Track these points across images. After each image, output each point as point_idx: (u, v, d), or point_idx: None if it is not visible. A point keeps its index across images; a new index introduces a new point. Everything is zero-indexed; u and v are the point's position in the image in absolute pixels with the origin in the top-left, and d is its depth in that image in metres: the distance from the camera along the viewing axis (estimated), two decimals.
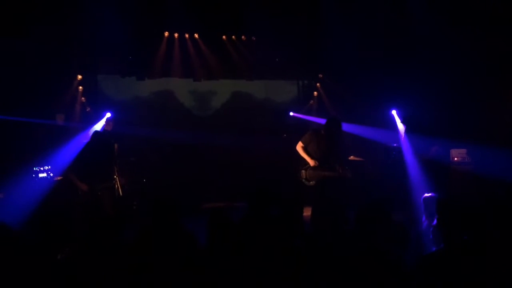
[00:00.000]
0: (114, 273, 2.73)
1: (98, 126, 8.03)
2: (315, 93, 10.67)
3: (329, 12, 8.76)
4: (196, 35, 9.55)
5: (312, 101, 10.70)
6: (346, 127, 6.81)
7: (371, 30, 8.77)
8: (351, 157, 8.03)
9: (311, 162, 6.27)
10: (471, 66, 8.21)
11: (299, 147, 6.42)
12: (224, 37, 9.72)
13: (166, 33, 9.33)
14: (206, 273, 2.85)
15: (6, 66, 7.34)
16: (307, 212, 3.85)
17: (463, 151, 8.08)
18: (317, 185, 6.23)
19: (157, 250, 3.03)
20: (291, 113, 10.33)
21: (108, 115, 8.14)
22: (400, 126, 8.86)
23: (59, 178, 7.31)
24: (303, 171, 6.39)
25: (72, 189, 5.94)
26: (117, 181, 6.91)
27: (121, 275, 2.74)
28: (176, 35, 9.42)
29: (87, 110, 8.93)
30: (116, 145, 7.19)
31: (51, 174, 7.37)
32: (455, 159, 8.08)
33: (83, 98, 8.94)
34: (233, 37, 9.78)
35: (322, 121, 9.67)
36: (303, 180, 6.40)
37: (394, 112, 9.15)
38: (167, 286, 2.83)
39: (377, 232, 3.12)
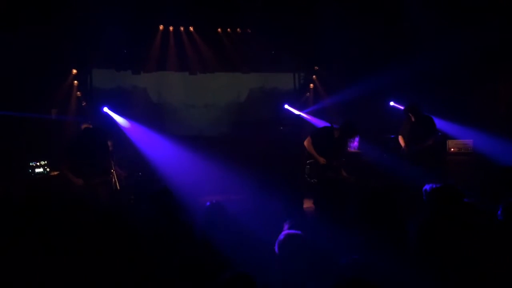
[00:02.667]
0: (116, 265, 2.72)
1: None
2: (311, 85, 10.66)
3: (325, 4, 8.71)
4: (191, 28, 9.49)
5: (308, 93, 10.68)
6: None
7: (367, 21, 8.75)
8: (347, 148, 8.02)
9: (321, 160, 6.25)
10: (467, 57, 8.23)
11: (308, 142, 6.38)
12: (219, 30, 9.66)
13: (161, 27, 9.27)
14: (203, 265, 2.85)
15: (0, 61, 7.27)
16: (307, 204, 3.85)
17: (459, 142, 8.13)
18: (319, 184, 6.23)
19: (156, 241, 3.02)
20: (286, 106, 10.32)
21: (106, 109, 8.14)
22: None
23: (55, 173, 7.29)
24: (307, 167, 6.37)
25: (68, 184, 5.90)
26: (114, 175, 6.89)
27: (122, 267, 2.73)
28: (171, 28, 9.36)
29: (83, 104, 8.88)
30: (110, 142, 7.16)
31: (48, 169, 7.34)
32: (452, 149, 8.12)
33: (78, 93, 8.88)
34: (228, 29, 9.73)
35: (312, 119, 9.79)
36: (306, 176, 6.39)
37: (392, 103, 9.16)
38: (166, 277, 2.83)
39: (377, 225, 3.13)
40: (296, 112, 10.22)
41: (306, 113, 10.21)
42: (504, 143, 7.16)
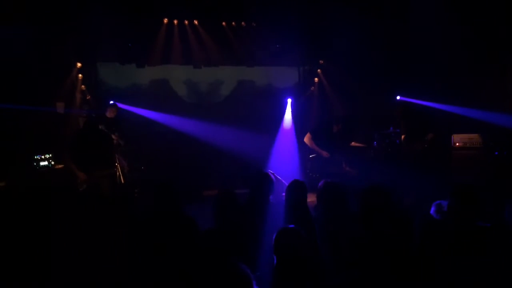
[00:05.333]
0: (118, 258, 2.72)
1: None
2: (316, 79, 10.61)
3: None
4: (195, 22, 9.46)
5: (313, 87, 10.64)
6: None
7: (372, 15, 8.69)
8: (353, 143, 8.00)
9: (323, 154, 6.26)
10: (471, 50, 8.18)
11: (308, 138, 6.41)
12: (224, 23, 9.62)
13: (165, 20, 9.23)
14: (207, 260, 2.84)
15: (4, 55, 7.28)
16: (311, 198, 3.85)
17: (465, 136, 8.08)
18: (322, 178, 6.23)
19: (159, 235, 3.02)
20: (289, 100, 10.29)
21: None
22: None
23: (60, 166, 7.32)
24: (309, 162, 6.40)
25: (72, 177, 5.93)
26: (118, 169, 6.91)
27: (124, 260, 2.73)
28: (175, 21, 9.33)
29: (87, 98, 8.90)
30: (116, 134, 7.17)
31: (52, 162, 7.37)
32: (457, 144, 8.07)
33: (83, 86, 8.90)
34: (233, 23, 9.68)
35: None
36: (308, 171, 6.41)
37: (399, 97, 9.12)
38: (168, 271, 2.82)
39: (380, 216, 3.12)
40: (288, 113, 10.16)
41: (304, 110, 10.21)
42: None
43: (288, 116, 10.08)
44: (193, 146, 9.16)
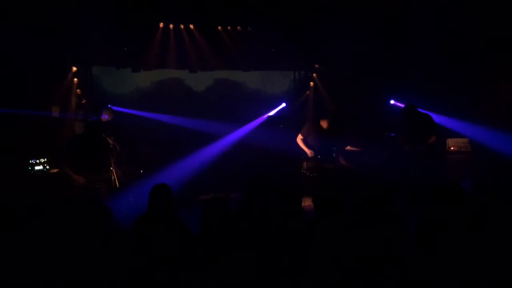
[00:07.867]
0: (112, 262, 2.72)
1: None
2: (312, 83, 10.65)
3: (325, 1, 8.69)
4: (191, 26, 9.48)
5: (308, 91, 10.68)
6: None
7: (368, 19, 8.74)
8: (348, 147, 8.02)
9: (308, 152, 6.33)
10: (468, 55, 8.23)
11: (299, 139, 6.46)
12: (219, 27, 9.65)
13: (161, 24, 9.25)
14: (200, 263, 2.85)
15: None
16: (306, 202, 3.85)
17: (459, 140, 8.13)
18: (318, 177, 6.28)
19: (152, 239, 3.02)
20: (283, 104, 10.33)
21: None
22: None
23: (55, 170, 7.30)
24: (304, 162, 6.42)
25: (68, 181, 5.90)
26: (113, 173, 6.90)
27: (118, 264, 2.73)
28: (171, 26, 9.35)
29: (83, 102, 8.88)
30: (112, 137, 7.17)
31: (47, 167, 7.35)
32: (452, 148, 8.12)
33: (78, 90, 8.89)
34: (229, 27, 9.71)
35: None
36: (304, 171, 6.43)
37: (392, 102, 9.17)
38: (162, 274, 2.83)
39: (376, 219, 3.15)
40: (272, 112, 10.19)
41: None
42: (503, 141, 7.18)
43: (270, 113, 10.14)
44: (187, 149, 9.15)
